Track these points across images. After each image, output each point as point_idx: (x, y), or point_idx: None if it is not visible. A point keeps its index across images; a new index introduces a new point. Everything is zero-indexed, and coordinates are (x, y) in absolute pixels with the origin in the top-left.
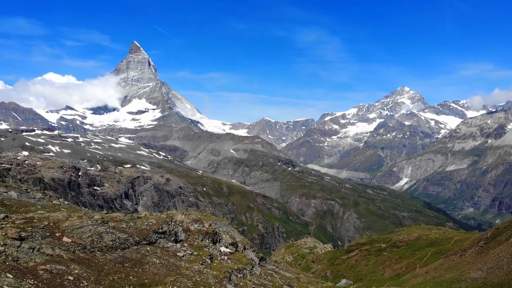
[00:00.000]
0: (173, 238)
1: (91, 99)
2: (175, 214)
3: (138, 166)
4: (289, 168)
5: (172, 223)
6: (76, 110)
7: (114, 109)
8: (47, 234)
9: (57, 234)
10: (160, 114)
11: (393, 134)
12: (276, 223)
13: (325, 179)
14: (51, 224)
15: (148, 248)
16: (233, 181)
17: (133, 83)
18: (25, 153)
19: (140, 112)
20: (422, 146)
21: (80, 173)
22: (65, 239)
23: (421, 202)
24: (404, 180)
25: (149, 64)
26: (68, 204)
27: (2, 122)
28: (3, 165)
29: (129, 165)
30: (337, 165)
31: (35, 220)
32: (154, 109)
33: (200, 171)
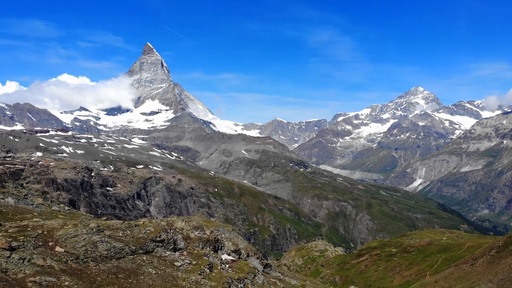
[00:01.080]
0: (171, 247)
1: (104, 100)
2: (175, 221)
3: (150, 166)
4: (301, 169)
5: (171, 231)
6: (90, 111)
7: (127, 110)
8: (40, 243)
9: (50, 244)
10: (173, 115)
11: (407, 134)
12: (287, 224)
13: (338, 180)
14: (45, 232)
15: (144, 258)
16: (245, 182)
17: (146, 84)
18: (39, 154)
19: (153, 113)
20: (436, 147)
21: (93, 174)
22: (57, 248)
23: (435, 203)
24: (418, 181)
25: (162, 65)
26: (69, 209)
27: (17, 123)
28: (16, 166)
29: (141, 166)
30: (350, 166)
31: (29, 229)
32: (167, 110)
33: (212, 172)
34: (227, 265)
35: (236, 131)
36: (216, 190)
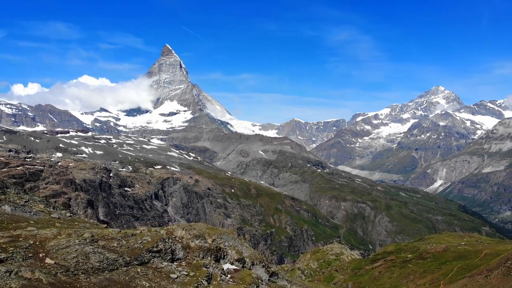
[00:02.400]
0: (169, 257)
1: (124, 101)
2: (175, 229)
3: (168, 167)
4: (319, 170)
5: (170, 240)
6: (110, 112)
7: (146, 111)
8: (30, 255)
9: (40, 255)
10: (191, 116)
11: (428, 135)
12: (304, 225)
13: (356, 181)
14: (37, 243)
15: (139, 269)
16: (262, 182)
17: (165, 85)
18: (59, 154)
19: (171, 113)
20: (458, 147)
21: (111, 174)
22: (47, 260)
23: (456, 205)
24: (439, 182)
25: (181, 66)
26: (70, 216)
27: (39, 124)
28: (35, 166)
29: (159, 166)
30: (369, 166)
31: (20, 239)
32: (185, 111)
33: (229, 172)
34: (229, 276)
35: (253, 131)
36: (232, 190)
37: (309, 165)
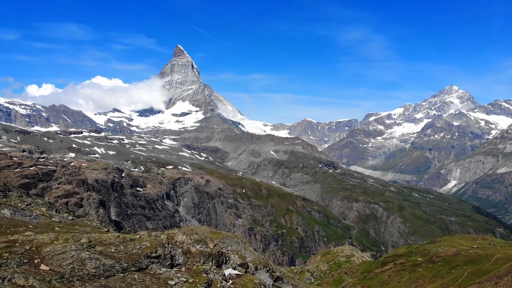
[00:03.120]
0: (168, 263)
1: (137, 101)
2: (176, 234)
3: (179, 167)
4: (330, 170)
5: (170, 246)
6: (123, 113)
7: (159, 111)
8: (25, 261)
9: (35, 261)
10: (203, 116)
11: (441, 135)
12: (316, 226)
13: (368, 182)
14: (33, 248)
15: (136, 276)
16: (273, 182)
17: (177, 85)
18: (72, 154)
19: (183, 114)
20: (472, 148)
21: (123, 174)
22: (42, 266)
23: (470, 206)
24: (452, 183)
25: (193, 67)
26: (72, 219)
27: (53, 124)
28: (48, 167)
29: (171, 167)
30: (382, 167)
31: (17, 244)
32: (197, 111)
33: (240, 173)
34: (230, 281)
35: (265, 131)
36: (243, 191)
37: (320, 165)
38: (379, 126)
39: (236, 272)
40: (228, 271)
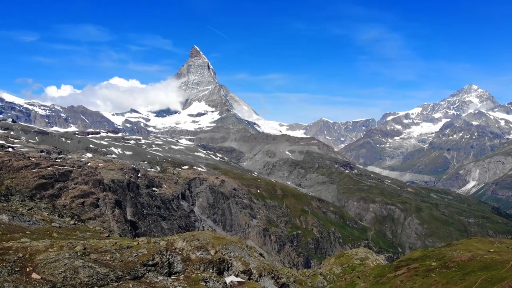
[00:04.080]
0: (165, 271)
1: (154, 102)
2: (176, 240)
3: (195, 167)
4: (347, 171)
5: (168, 253)
6: (140, 113)
7: (175, 112)
8: (17, 269)
9: (27, 269)
10: (218, 116)
11: (460, 134)
12: (332, 227)
13: (385, 183)
14: (26, 256)
15: (131, 285)
16: (288, 183)
17: (193, 86)
18: (89, 155)
19: (199, 114)
20: (491, 148)
21: (139, 175)
22: (34, 275)
23: (489, 207)
24: (471, 183)
25: (208, 67)
26: (74, 224)
27: (71, 124)
28: (65, 167)
29: (186, 167)
30: (400, 167)
31: (10, 251)
32: (212, 111)
33: (255, 173)
34: None
35: (280, 131)
36: (258, 191)
37: (336, 165)
38: (396, 126)
39: (238, 279)
40: (229, 279)
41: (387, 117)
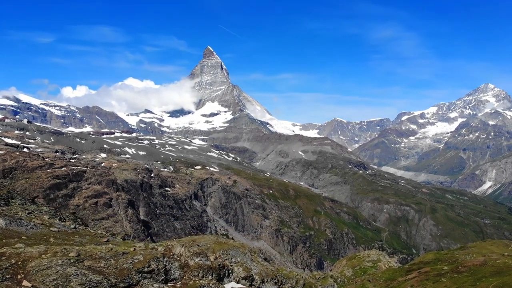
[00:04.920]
0: (162, 278)
1: (168, 103)
2: (174, 246)
3: (207, 167)
4: (360, 171)
5: (165, 259)
6: (155, 114)
7: (189, 112)
8: (8, 276)
9: (19, 276)
10: (231, 116)
11: (476, 134)
12: (345, 228)
13: (400, 183)
14: (19, 263)
15: None
16: (301, 183)
17: (207, 86)
18: (103, 155)
19: (212, 114)
20: (508, 148)
21: (152, 175)
22: (25, 283)
23: (506, 208)
24: (488, 184)
25: (222, 68)
26: (74, 228)
27: (86, 125)
28: (78, 167)
29: (199, 167)
30: (415, 167)
31: (3, 258)
32: (225, 112)
33: (268, 173)
34: None
35: (293, 131)
36: (271, 191)
37: (350, 166)
38: (412, 125)
39: (239, 286)
40: (229, 285)
41: (402, 117)
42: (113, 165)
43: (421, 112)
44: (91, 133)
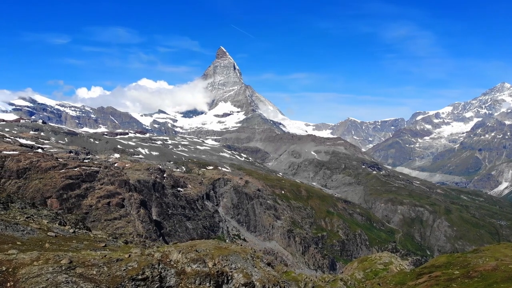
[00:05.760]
0: (156, 285)
1: (181, 103)
2: (171, 252)
3: (219, 168)
4: (374, 172)
5: (160, 266)
6: (168, 114)
7: (202, 112)
8: None
9: (8, 284)
10: (244, 117)
11: (492, 134)
12: (358, 229)
13: (414, 184)
14: (10, 270)
15: None
16: (314, 184)
17: (219, 87)
18: (117, 155)
19: (225, 114)
20: None
21: (165, 175)
22: None
23: None
24: (504, 184)
25: (234, 68)
26: (73, 232)
27: (101, 125)
28: (91, 168)
29: (211, 167)
30: (430, 168)
31: None
32: (238, 112)
33: (280, 173)
34: None
35: (306, 131)
36: (283, 192)
37: (364, 166)
38: (426, 125)
39: None
40: None
41: (417, 117)
42: (126, 165)
43: (436, 112)
44: (105, 133)
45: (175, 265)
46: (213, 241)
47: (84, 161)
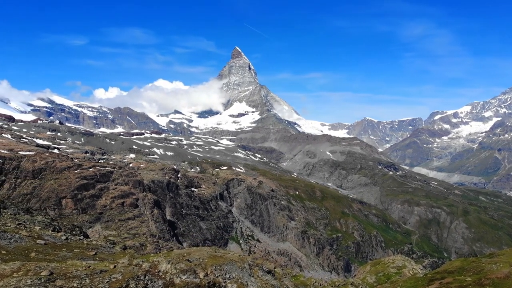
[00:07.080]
0: None
1: (197, 103)
2: (160, 262)
3: (233, 168)
4: (390, 172)
5: (147, 277)
6: (184, 114)
7: (217, 113)
8: None
9: None
10: (259, 117)
11: None
12: (373, 231)
13: (431, 185)
14: None
15: None
16: (329, 184)
17: (235, 87)
18: (132, 155)
19: (240, 115)
20: None
21: (179, 175)
22: None
23: None
24: None
25: (249, 68)
26: (66, 239)
27: (118, 126)
28: (106, 168)
29: (225, 167)
30: (448, 168)
31: None
32: (253, 112)
33: (295, 174)
34: None
35: (322, 131)
36: (297, 192)
37: (380, 167)
38: (444, 125)
39: None
40: None
41: (435, 116)
42: (141, 165)
43: (455, 111)
44: (121, 134)
45: (163, 276)
46: (209, 248)
47: (99, 161)
